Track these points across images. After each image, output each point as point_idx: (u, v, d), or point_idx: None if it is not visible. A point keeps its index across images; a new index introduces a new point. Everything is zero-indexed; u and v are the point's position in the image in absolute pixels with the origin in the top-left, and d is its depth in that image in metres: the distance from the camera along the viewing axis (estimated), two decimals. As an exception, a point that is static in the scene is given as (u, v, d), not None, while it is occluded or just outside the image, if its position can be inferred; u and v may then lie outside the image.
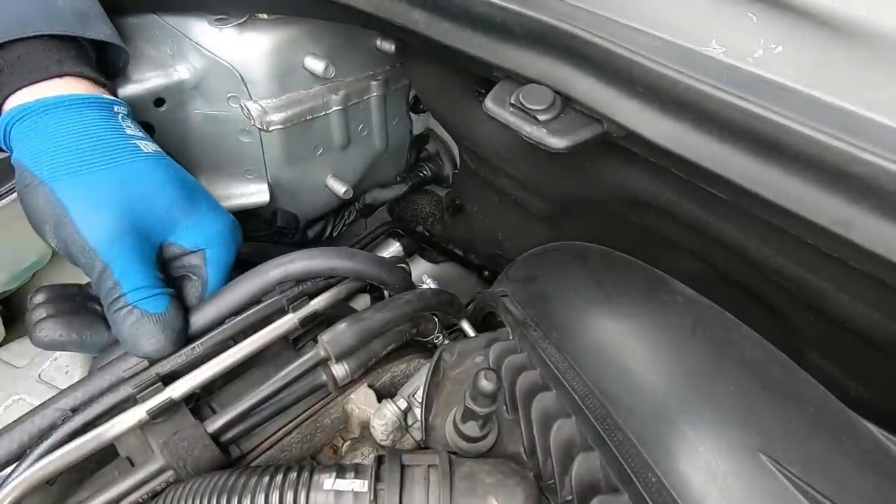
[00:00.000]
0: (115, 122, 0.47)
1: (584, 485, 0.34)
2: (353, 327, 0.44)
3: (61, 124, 0.45)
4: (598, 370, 0.38)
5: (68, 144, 0.44)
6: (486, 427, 0.41)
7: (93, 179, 0.44)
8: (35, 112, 0.45)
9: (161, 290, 0.44)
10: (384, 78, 0.71)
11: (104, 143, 0.46)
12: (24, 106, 0.45)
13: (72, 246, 0.43)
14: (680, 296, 0.41)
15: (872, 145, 0.26)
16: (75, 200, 0.43)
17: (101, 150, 0.45)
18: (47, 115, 0.45)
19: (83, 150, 0.44)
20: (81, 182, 0.43)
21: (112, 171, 0.45)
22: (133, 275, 0.43)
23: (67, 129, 0.45)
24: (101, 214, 0.43)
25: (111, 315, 0.43)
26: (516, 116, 0.37)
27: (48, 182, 0.43)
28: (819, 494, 0.29)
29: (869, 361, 0.40)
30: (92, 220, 0.43)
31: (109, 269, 0.42)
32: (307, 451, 0.48)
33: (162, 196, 0.47)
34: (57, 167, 0.43)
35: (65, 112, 0.45)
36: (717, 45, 0.33)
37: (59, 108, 0.45)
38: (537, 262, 0.54)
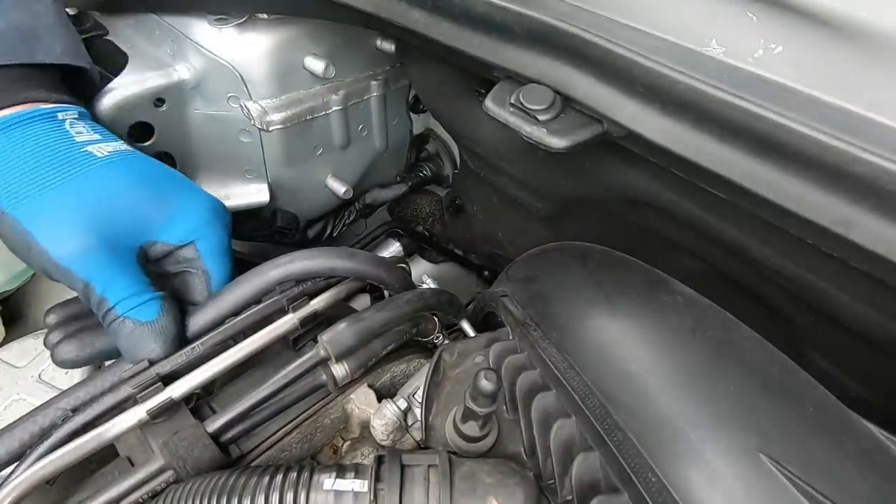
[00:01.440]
0: (62, 132, 0.45)
1: (584, 485, 0.34)
2: (353, 327, 0.44)
3: (7, 148, 0.43)
4: (598, 370, 0.38)
5: (18, 167, 0.42)
6: (486, 427, 0.41)
7: (50, 199, 0.42)
8: None
9: (150, 295, 0.43)
10: (384, 78, 0.71)
11: (54, 156, 0.44)
12: None
13: (49, 269, 0.42)
14: (680, 296, 0.41)
15: (872, 145, 0.26)
16: (38, 226, 0.42)
17: (53, 165, 0.43)
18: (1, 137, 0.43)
19: (34, 169, 0.43)
20: (39, 205, 0.42)
21: (67, 185, 0.43)
22: (116, 286, 0.42)
23: (14, 151, 0.43)
24: (66, 233, 0.42)
25: (106, 328, 0.43)
26: (516, 116, 0.37)
27: (9, 211, 0.42)
28: (819, 494, 0.29)
29: (869, 361, 0.40)
30: (59, 241, 0.42)
31: (91, 285, 0.42)
32: (307, 451, 0.48)
33: (125, 198, 0.45)
34: (13, 194, 0.42)
35: (7, 134, 0.43)
36: (717, 45, 0.33)
37: (10, 128, 0.43)
38: (537, 262, 0.54)
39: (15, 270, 0.66)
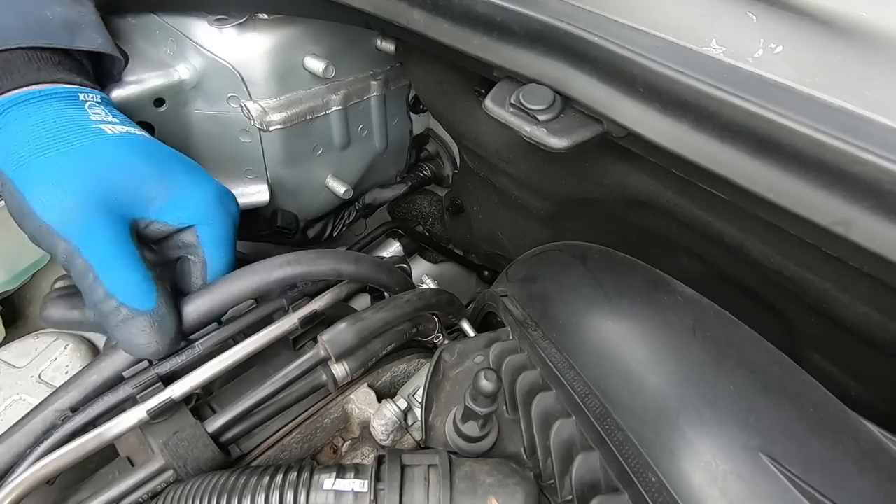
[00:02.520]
0: (80, 110, 0.45)
1: (584, 485, 0.34)
2: (353, 327, 0.44)
3: (21, 119, 0.43)
4: (598, 370, 0.38)
5: (28, 136, 0.42)
6: (486, 427, 0.41)
7: (48, 163, 0.41)
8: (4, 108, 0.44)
9: (148, 280, 0.41)
10: (384, 78, 0.71)
11: (64, 129, 0.43)
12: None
13: (36, 233, 0.41)
14: (680, 296, 0.41)
15: (872, 145, 0.26)
16: (31, 186, 0.40)
17: (61, 136, 0.43)
18: (8, 115, 0.44)
19: (41, 137, 0.42)
20: (36, 167, 0.41)
21: (69, 153, 0.42)
22: (113, 267, 0.40)
23: (27, 122, 0.43)
24: (57, 195, 0.40)
25: (98, 312, 0.41)
26: (516, 116, 0.37)
27: (9, 175, 0.41)
28: (819, 494, 0.29)
29: (869, 361, 0.40)
30: (49, 203, 0.40)
31: (77, 251, 0.40)
32: (307, 451, 0.48)
33: (127, 171, 0.44)
34: (17, 159, 0.41)
35: (24, 108, 0.44)
36: (717, 45, 0.33)
37: (18, 104, 0.44)
38: (537, 262, 0.54)
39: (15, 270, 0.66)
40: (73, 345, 0.63)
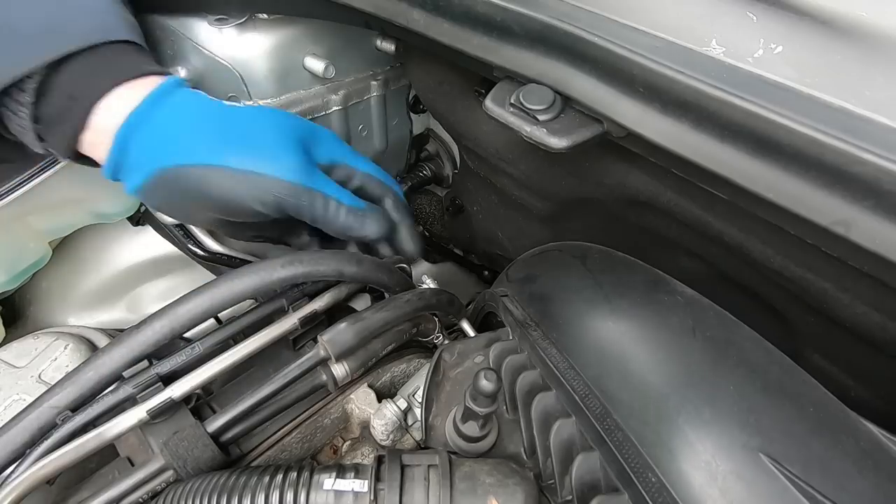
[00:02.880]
0: (205, 97, 0.48)
1: (584, 485, 0.34)
2: (353, 327, 0.44)
3: (178, 112, 0.46)
4: (598, 370, 0.38)
5: (199, 126, 0.45)
6: (486, 427, 0.41)
7: (245, 138, 0.46)
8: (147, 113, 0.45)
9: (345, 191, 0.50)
10: (384, 78, 0.71)
11: (217, 112, 0.47)
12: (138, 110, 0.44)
13: (283, 196, 0.46)
14: (680, 296, 0.41)
15: (872, 145, 0.26)
16: (256, 161, 0.45)
17: (223, 117, 0.47)
18: (160, 112, 0.45)
19: (211, 121, 0.46)
20: (242, 146, 0.45)
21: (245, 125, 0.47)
22: (332, 188, 0.49)
23: (186, 114, 0.46)
24: (279, 156, 0.46)
25: (328, 218, 0.48)
26: (516, 116, 0.37)
27: (218, 162, 0.44)
28: (819, 494, 0.29)
29: (869, 361, 0.40)
30: (279, 166, 0.45)
31: (317, 191, 0.47)
32: (307, 451, 0.48)
33: (285, 119, 0.49)
34: (214, 145, 0.45)
35: (169, 102, 0.46)
36: (717, 45, 0.33)
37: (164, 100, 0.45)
38: (537, 262, 0.54)
39: (15, 270, 0.66)
40: (73, 345, 0.63)
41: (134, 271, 0.77)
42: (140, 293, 0.79)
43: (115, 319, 0.78)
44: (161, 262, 0.77)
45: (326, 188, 0.48)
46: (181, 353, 0.44)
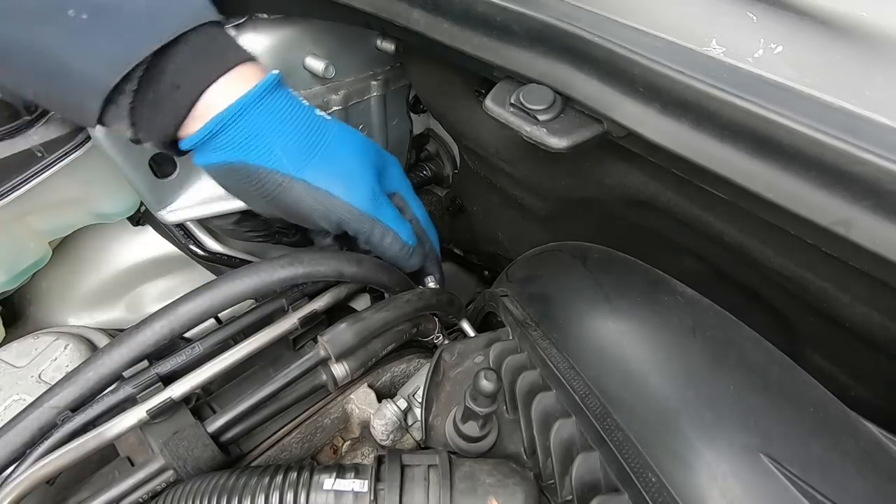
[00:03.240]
0: (293, 98, 0.49)
1: (584, 485, 0.34)
2: (353, 327, 0.44)
3: (273, 115, 0.46)
4: (598, 370, 0.38)
5: (287, 135, 0.46)
6: (486, 427, 0.41)
7: (327, 156, 0.48)
8: (246, 109, 0.45)
9: (405, 224, 0.53)
10: (384, 78, 0.71)
11: (306, 122, 0.48)
12: (238, 104, 0.45)
13: (347, 219, 0.48)
14: (680, 296, 0.41)
15: (872, 145, 0.26)
16: (331, 182, 0.47)
17: (310, 130, 0.48)
18: (257, 110, 0.46)
19: (300, 136, 0.47)
20: (323, 164, 0.48)
21: (334, 146, 0.49)
22: (394, 220, 0.51)
23: (278, 121, 0.46)
24: (353, 183, 0.49)
25: (381, 248, 0.51)
26: (516, 116, 0.37)
27: (298, 175, 0.46)
28: (819, 494, 0.29)
29: (869, 361, 0.40)
30: (351, 192, 0.48)
31: (379, 221, 0.50)
32: (307, 451, 0.48)
33: (364, 145, 0.51)
34: (294, 161, 0.46)
35: (267, 102, 0.46)
36: (717, 45, 0.33)
37: (263, 99, 0.46)
38: (537, 262, 0.54)
39: (15, 270, 0.66)
40: (73, 345, 0.63)
41: (134, 271, 0.77)
42: (140, 293, 0.79)
43: (115, 319, 0.78)
44: (161, 262, 0.76)
45: (389, 219, 0.51)
46: (181, 353, 0.44)
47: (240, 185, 0.48)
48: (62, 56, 0.40)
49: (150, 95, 0.43)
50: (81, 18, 0.39)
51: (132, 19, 0.41)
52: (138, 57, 0.40)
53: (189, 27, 0.42)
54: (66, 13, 0.39)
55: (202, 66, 0.43)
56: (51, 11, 0.39)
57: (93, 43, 0.40)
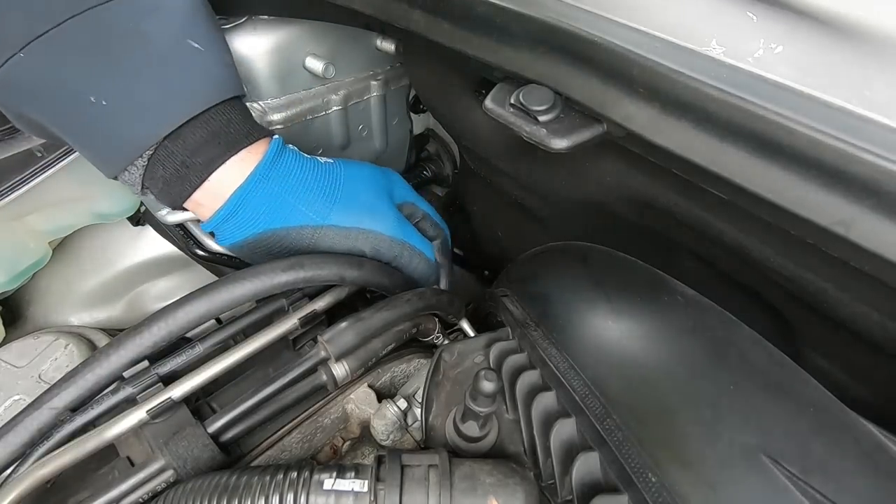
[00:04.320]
0: (297, 154, 0.51)
1: (584, 485, 0.34)
2: (353, 327, 0.44)
3: (286, 176, 0.48)
4: (598, 370, 0.38)
5: (306, 188, 0.49)
6: (486, 427, 0.41)
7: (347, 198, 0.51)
8: (261, 181, 0.47)
9: (427, 242, 0.57)
10: (384, 78, 0.71)
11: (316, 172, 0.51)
12: (252, 179, 0.47)
13: (381, 248, 0.52)
14: (680, 296, 0.41)
15: (873, 145, 0.26)
16: (359, 218, 0.51)
17: (323, 177, 0.51)
18: (271, 177, 0.48)
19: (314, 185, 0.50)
20: (345, 205, 0.51)
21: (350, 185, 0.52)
22: (419, 241, 0.55)
23: (293, 177, 0.49)
24: (379, 214, 0.52)
25: (410, 268, 0.55)
26: (516, 116, 0.37)
27: (326, 222, 0.49)
28: (819, 494, 0.29)
29: (869, 361, 0.40)
30: (379, 222, 0.51)
31: (408, 244, 0.53)
32: (307, 451, 0.48)
33: (372, 176, 0.54)
34: (320, 208, 0.49)
35: (278, 167, 0.48)
36: (717, 45, 0.33)
37: (274, 165, 0.48)
38: (537, 262, 0.54)
39: (15, 271, 0.66)
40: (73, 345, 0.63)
41: (134, 271, 0.77)
42: (140, 293, 0.79)
43: (115, 319, 0.78)
44: (161, 262, 0.77)
45: (416, 241, 0.54)
46: (181, 353, 0.44)
47: (271, 251, 0.50)
48: (81, 136, 0.45)
49: (160, 171, 0.45)
50: (101, 105, 0.42)
51: (144, 108, 0.43)
52: (144, 145, 0.43)
53: (199, 111, 0.44)
54: (88, 100, 0.42)
55: (212, 149, 0.45)
56: (75, 98, 0.42)
57: (106, 128, 0.43)
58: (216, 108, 0.45)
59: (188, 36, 0.44)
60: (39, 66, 0.41)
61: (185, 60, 0.44)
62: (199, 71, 0.45)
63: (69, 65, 0.41)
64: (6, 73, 0.40)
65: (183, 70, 0.44)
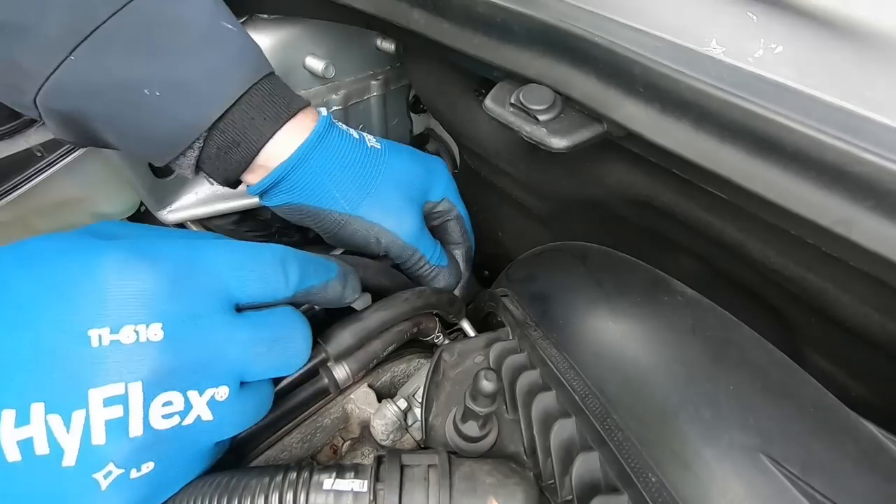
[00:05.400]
0: (346, 134, 0.53)
1: (584, 485, 0.34)
2: (352, 327, 0.44)
3: (328, 158, 0.51)
4: (599, 370, 0.38)
5: (345, 174, 0.52)
6: (486, 427, 0.41)
7: (379, 194, 0.53)
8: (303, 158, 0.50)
9: (441, 249, 0.59)
10: (384, 78, 0.71)
11: (358, 159, 0.53)
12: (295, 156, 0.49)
13: (392, 248, 0.54)
14: (680, 296, 0.41)
15: (873, 145, 0.26)
16: (384, 218, 0.53)
17: (363, 166, 0.53)
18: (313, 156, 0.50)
19: (354, 175, 0.52)
20: (375, 201, 0.53)
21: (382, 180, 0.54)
22: (429, 248, 0.57)
23: (334, 160, 0.51)
24: (404, 218, 0.54)
25: (423, 275, 0.57)
26: (516, 116, 0.37)
27: (354, 213, 0.52)
28: (819, 494, 0.29)
29: (869, 361, 0.40)
30: (400, 226, 0.54)
31: (418, 251, 0.55)
32: (307, 451, 0.48)
33: (411, 174, 0.56)
34: (350, 200, 0.52)
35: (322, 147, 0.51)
36: (717, 45, 0.33)
37: (318, 144, 0.50)
38: (537, 262, 0.54)
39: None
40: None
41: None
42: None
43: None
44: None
45: (425, 246, 0.56)
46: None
47: (303, 220, 0.54)
48: (138, 129, 0.45)
49: (214, 150, 0.48)
50: (155, 96, 0.43)
51: (195, 92, 0.44)
52: (201, 128, 0.45)
53: (245, 88, 0.46)
54: (142, 92, 0.43)
55: (259, 124, 0.48)
56: (129, 93, 0.43)
57: (163, 117, 0.45)
58: (258, 85, 0.47)
59: (220, 18, 0.46)
60: (90, 66, 0.41)
61: (223, 42, 0.46)
62: (237, 50, 0.47)
63: (119, 61, 0.42)
64: (58, 79, 0.41)
65: (222, 51, 0.46)
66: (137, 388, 0.29)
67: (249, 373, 0.35)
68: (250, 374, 0.35)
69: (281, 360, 0.37)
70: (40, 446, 0.28)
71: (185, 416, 0.32)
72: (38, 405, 0.28)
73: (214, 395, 0.33)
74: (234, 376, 0.34)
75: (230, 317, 0.34)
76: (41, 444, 0.28)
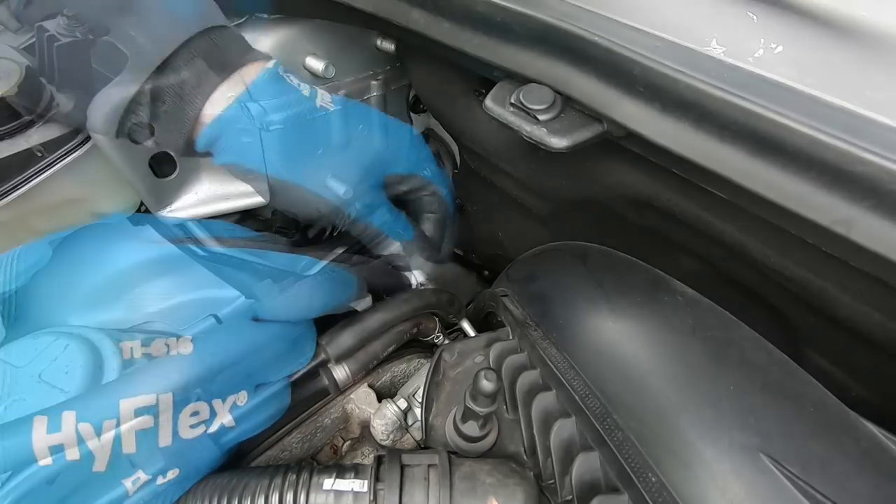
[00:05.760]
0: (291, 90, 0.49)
1: (584, 485, 0.34)
2: (351, 328, 0.44)
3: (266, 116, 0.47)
4: (598, 370, 0.38)
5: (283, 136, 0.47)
6: (486, 427, 0.41)
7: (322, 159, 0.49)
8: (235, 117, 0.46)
9: (406, 221, 0.55)
10: (384, 78, 0.71)
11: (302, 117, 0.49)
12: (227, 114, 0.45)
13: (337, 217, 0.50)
14: (680, 296, 0.41)
15: (873, 145, 0.26)
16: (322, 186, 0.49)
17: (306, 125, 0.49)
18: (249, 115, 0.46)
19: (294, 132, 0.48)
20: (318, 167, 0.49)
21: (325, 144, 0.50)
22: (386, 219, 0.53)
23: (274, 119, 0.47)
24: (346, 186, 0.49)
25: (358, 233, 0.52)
26: (516, 116, 0.37)
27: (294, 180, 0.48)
28: (819, 494, 0.29)
29: (869, 361, 0.40)
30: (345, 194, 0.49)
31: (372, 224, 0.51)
32: (307, 451, 0.48)
33: (364, 140, 0.52)
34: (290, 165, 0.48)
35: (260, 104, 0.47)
36: (717, 45, 0.33)
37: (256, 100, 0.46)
38: (537, 262, 0.54)
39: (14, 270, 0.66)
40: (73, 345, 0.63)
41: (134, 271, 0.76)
42: (140, 293, 0.79)
43: (115, 319, 0.78)
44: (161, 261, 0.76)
45: (379, 217, 0.52)
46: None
47: (251, 182, 0.50)
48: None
49: (162, 107, 0.44)
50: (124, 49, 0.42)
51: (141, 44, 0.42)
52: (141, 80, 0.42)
53: (185, 38, 0.43)
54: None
55: (201, 77, 0.44)
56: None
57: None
58: (202, 35, 0.44)
59: None
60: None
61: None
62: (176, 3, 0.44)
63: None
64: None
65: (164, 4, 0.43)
66: (168, 399, 0.31)
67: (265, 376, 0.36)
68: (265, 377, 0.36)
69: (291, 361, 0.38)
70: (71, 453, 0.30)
71: (210, 424, 0.34)
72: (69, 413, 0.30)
73: (235, 401, 0.35)
74: (251, 381, 0.35)
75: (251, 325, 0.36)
76: (72, 451, 0.29)
